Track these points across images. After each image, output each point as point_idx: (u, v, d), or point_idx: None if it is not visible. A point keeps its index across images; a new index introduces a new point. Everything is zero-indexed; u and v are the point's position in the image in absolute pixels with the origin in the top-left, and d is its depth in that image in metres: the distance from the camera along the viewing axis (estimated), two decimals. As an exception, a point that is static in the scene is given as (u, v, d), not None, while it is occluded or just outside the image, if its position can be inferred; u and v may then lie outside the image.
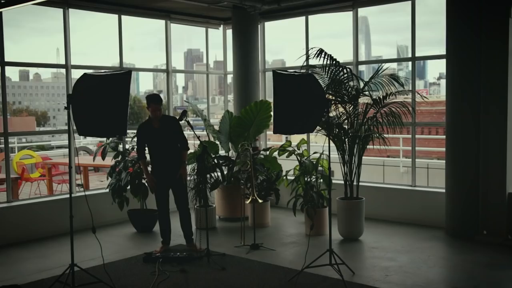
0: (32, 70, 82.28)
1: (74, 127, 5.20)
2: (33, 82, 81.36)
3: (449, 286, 5.22)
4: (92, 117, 5.02)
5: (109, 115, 5.04)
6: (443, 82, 35.46)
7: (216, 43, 10.12)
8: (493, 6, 6.57)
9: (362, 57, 8.36)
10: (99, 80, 5.06)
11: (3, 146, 19.95)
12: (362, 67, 8.53)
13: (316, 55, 6.73)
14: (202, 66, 10.05)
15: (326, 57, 6.74)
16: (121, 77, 5.12)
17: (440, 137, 16.46)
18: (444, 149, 7.23)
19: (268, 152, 8.34)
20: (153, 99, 6.24)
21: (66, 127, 5.54)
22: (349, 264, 5.61)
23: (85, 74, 5.15)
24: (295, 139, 8.62)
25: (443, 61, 7.10)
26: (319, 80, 5.99)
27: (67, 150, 15.64)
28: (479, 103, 6.78)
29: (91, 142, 17.71)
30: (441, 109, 20.37)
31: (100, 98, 5.01)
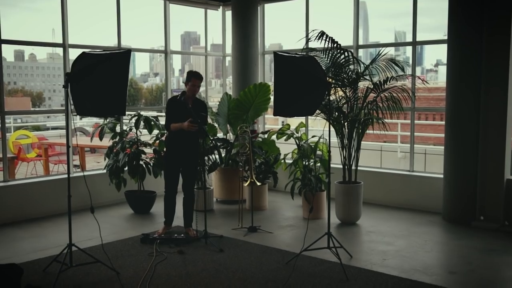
0: (28, 51, 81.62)
1: (72, 107, 5.14)
2: (29, 62, 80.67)
3: (446, 271, 5.24)
4: (91, 96, 4.96)
5: (108, 95, 4.98)
6: (441, 68, 35.42)
7: (213, 26, 10.02)
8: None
9: (361, 42, 8.23)
10: (98, 59, 4.97)
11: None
12: (359, 53, 8.46)
13: (317, 38, 6.66)
14: (200, 49, 9.94)
15: (327, 39, 6.67)
16: (121, 56, 5.04)
17: (437, 123, 16.51)
18: (441, 135, 7.21)
19: (266, 135, 8.30)
20: (195, 73, 6.05)
21: (62, 108, 5.49)
22: (347, 248, 5.62)
23: (83, 52, 5.06)
24: (293, 122, 8.58)
25: (441, 48, 7.11)
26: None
27: (63, 131, 15.58)
28: (480, 88, 6.75)
29: (87, 123, 17.64)
30: (438, 96, 20.36)
31: (99, 77, 4.94)
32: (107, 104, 5.02)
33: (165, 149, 6.56)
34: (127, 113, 8.14)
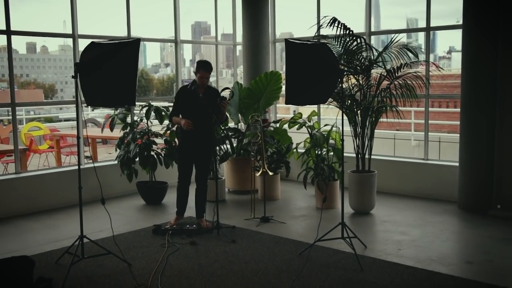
0: (39, 43, 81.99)
1: (82, 97, 5.09)
2: (41, 54, 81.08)
3: (462, 261, 5.14)
4: (100, 86, 4.90)
5: (117, 85, 4.92)
6: (454, 55, 34.93)
7: (223, 16, 9.92)
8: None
9: (372, 29, 8.09)
10: (107, 49, 4.90)
11: (10, 117, 19.94)
12: (371, 40, 8.31)
13: (329, 24, 6.53)
14: (210, 39, 9.84)
15: (339, 26, 6.54)
16: (130, 45, 4.96)
17: (451, 110, 16.29)
18: (455, 122, 7.08)
19: (278, 124, 8.21)
20: (203, 65, 5.92)
21: (73, 99, 5.44)
22: (361, 238, 5.53)
23: (92, 42, 5.00)
24: (305, 111, 8.47)
25: (453, 34, 7.01)
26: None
27: (75, 122, 15.61)
28: (496, 74, 6.59)
29: (99, 114, 17.66)
30: (452, 83, 20.10)
31: (108, 67, 4.88)
32: (117, 94, 4.96)
33: (177, 140, 6.51)
34: (137, 103, 8.11)
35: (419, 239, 5.76)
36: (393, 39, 6.85)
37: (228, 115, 8.20)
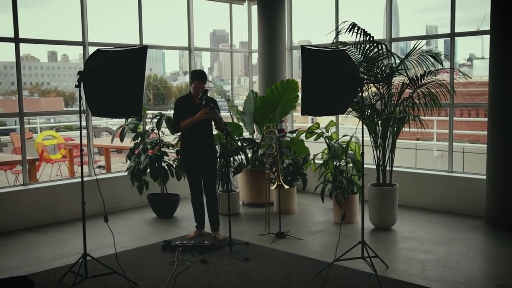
0: (60, 51, 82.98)
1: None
2: (61, 63, 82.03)
3: (493, 283, 4.75)
4: (106, 96, 4.66)
5: (123, 94, 4.67)
6: (475, 62, 34.23)
7: (241, 24, 9.67)
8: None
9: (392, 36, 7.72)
10: (113, 56, 4.66)
11: (14, 127, 19.93)
12: (391, 47, 7.95)
13: (348, 30, 6.19)
14: (228, 47, 9.60)
15: (359, 32, 6.21)
16: (137, 52, 4.72)
17: (474, 120, 15.73)
18: (477, 132, 6.69)
19: (294, 135, 7.89)
20: (197, 75, 5.83)
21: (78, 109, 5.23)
22: (382, 256, 5.17)
23: (98, 49, 4.77)
24: (323, 121, 8.15)
25: (472, 42, 6.59)
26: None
27: (97, 128, 15.44)
28: (526, 82, 6.20)
29: (116, 123, 17.50)
30: (474, 91, 19.53)
31: (114, 75, 4.64)
32: (122, 104, 4.71)
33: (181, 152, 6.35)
34: (149, 112, 7.88)
35: (444, 258, 5.38)
36: (415, 46, 6.49)
37: (242, 125, 7.92)
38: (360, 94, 4.96)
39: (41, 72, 77.34)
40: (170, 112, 7.64)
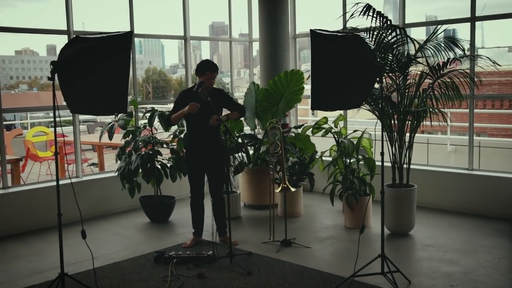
0: (59, 45, 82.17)
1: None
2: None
3: (532, 301, 4.14)
4: (84, 90, 4.03)
5: (105, 88, 4.04)
6: (495, 51, 33.24)
7: (240, 15, 9.01)
8: None
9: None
10: (92, 43, 4.02)
11: (13, 122, 19.27)
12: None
13: (362, 12, 5.52)
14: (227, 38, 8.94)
15: (375, 15, 5.53)
16: (120, 39, 4.06)
17: (494, 112, 14.81)
18: (498, 125, 6.03)
19: (300, 130, 7.24)
20: (210, 66, 5.28)
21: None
22: (402, 268, 4.55)
23: (77, 36, 4.15)
24: (331, 114, 7.49)
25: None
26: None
27: (91, 124, 14.74)
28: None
29: (110, 118, 16.80)
30: (490, 80, 18.62)
31: (94, 66, 4.00)
32: (104, 99, 4.07)
33: (184, 150, 5.76)
34: (142, 107, 7.23)
35: (473, 270, 4.75)
36: (435, 30, 5.82)
37: (243, 120, 7.23)
38: (380, 84, 4.28)
39: (40, 66, 76.57)
40: (170, 106, 6.99)
